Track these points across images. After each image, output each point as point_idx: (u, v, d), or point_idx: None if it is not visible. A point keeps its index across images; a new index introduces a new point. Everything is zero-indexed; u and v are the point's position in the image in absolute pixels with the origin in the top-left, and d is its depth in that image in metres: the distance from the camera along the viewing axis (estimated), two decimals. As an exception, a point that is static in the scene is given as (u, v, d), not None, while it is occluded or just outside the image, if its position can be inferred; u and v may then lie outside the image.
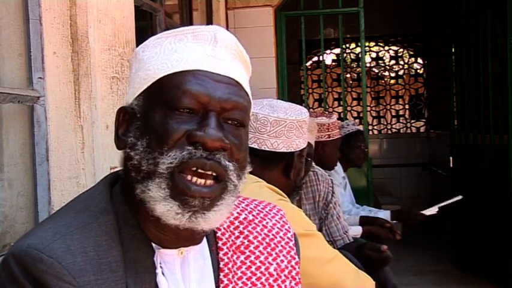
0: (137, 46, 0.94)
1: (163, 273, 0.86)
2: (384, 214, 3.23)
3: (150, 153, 0.82)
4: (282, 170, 1.69)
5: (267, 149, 1.64)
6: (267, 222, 1.00)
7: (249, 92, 0.91)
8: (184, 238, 0.86)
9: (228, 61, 0.87)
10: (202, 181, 0.81)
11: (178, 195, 0.80)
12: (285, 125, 1.64)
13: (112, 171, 0.98)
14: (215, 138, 0.81)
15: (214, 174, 0.82)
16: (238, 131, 0.86)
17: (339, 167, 3.52)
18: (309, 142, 2.06)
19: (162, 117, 0.83)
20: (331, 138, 2.94)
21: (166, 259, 0.87)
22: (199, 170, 0.81)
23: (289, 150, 1.66)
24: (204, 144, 0.80)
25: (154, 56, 0.87)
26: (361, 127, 3.84)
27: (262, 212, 1.01)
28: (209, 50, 0.86)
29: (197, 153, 0.80)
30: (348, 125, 3.70)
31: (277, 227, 1.00)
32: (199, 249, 0.91)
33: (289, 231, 1.01)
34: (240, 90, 0.87)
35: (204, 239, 0.92)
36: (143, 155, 0.82)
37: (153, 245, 0.87)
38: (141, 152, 0.83)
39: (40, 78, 1.51)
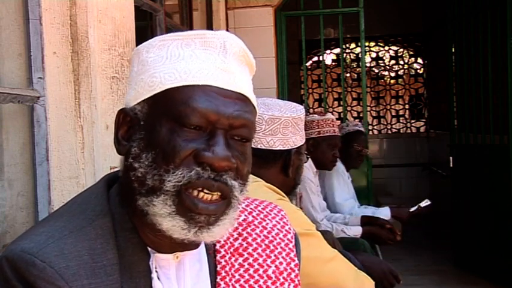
0: (137, 46, 0.93)
1: (158, 278, 0.85)
2: (385, 212, 3.24)
3: (156, 169, 0.81)
4: (280, 168, 1.69)
5: (263, 147, 1.64)
6: (267, 224, 0.99)
7: (255, 104, 0.90)
8: (181, 244, 0.85)
9: (237, 73, 0.85)
10: (209, 197, 0.81)
11: (185, 211, 0.80)
12: (280, 122, 1.65)
13: (112, 171, 0.98)
14: (223, 158, 0.80)
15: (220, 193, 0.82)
16: (243, 146, 0.86)
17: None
18: None
19: (168, 132, 0.81)
20: (321, 135, 2.93)
21: (162, 263, 0.86)
22: (206, 191, 0.81)
23: (286, 148, 1.66)
24: (211, 165, 0.80)
25: (159, 60, 0.85)
26: (362, 128, 3.76)
27: (262, 213, 1.01)
28: (219, 62, 0.84)
29: (205, 174, 0.80)
30: (347, 125, 3.65)
31: (277, 228, 0.99)
32: (196, 253, 0.90)
33: (290, 233, 1.00)
34: (248, 105, 0.86)
35: (202, 243, 0.91)
36: (148, 170, 0.81)
37: (149, 249, 0.86)
38: (146, 166, 0.81)
39: (40, 78, 1.51)
